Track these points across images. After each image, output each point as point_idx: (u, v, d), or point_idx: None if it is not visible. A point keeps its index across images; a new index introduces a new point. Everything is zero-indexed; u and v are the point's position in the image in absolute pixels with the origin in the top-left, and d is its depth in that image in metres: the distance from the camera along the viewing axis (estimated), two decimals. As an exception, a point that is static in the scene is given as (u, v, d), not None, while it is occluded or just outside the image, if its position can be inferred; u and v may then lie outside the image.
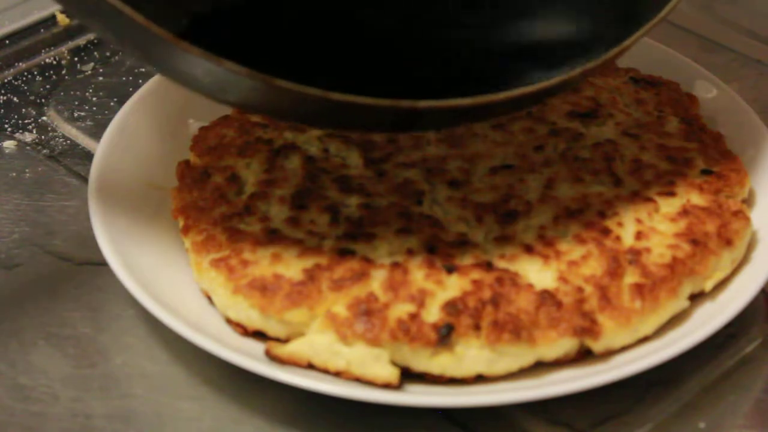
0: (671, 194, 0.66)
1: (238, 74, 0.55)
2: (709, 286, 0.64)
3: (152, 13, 0.53)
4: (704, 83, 0.77)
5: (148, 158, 0.73)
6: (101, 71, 0.87)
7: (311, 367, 0.60)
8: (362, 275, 0.61)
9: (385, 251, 0.62)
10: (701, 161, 0.69)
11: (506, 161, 0.69)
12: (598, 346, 0.60)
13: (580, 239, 0.63)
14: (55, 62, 0.88)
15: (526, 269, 0.62)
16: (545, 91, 0.61)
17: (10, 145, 0.80)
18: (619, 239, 0.63)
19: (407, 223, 0.64)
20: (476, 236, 0.64)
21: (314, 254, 0.62)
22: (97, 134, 0.77)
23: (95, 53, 0.89)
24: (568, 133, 0.71)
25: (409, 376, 0.59)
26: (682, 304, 0.63)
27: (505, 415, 0.60)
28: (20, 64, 0.88)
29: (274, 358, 0.60)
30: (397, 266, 0.61)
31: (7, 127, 0.81)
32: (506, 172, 0.68)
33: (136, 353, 0.64)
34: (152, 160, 0.72)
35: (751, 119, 0.74)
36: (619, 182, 0.67)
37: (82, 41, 0.90)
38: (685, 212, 0.65)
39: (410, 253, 0.62)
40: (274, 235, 0.64)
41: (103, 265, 0.65)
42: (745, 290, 0.63)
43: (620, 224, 0.64)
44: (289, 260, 0.62)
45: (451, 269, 0.61)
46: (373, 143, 0.70)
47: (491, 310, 0.59)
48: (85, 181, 0.72)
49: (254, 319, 0.61)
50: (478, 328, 0.59)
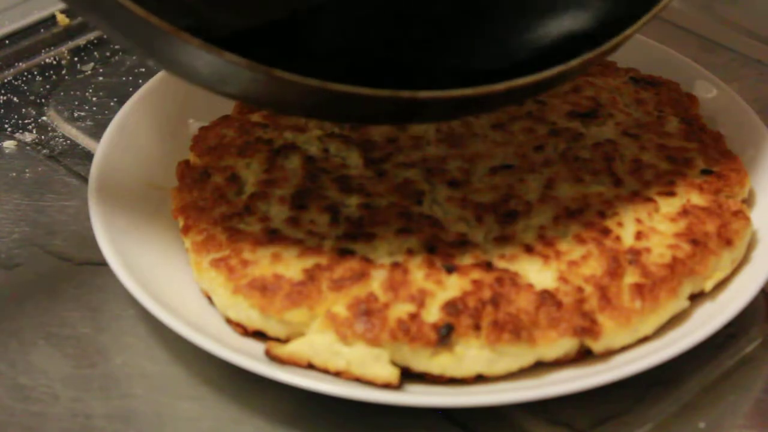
0: (671, 194, 0.66)
1: (237, 66, 0.55)
2: (709, 286, 0.64)
3: (152, 5, 0.53)
4: (704, 83, 0.77)
5: (148, 158, 0.72)
6: (101, 71, 0.87)
7: (311, 367, 0.60)
8: (362, 275, 0.61)
9: (385, 251, 0.62)
10: (701, 161, 0.69)
11: (506, 161, 0.69)
12: (598, 346, 0.60)
13: (580, 239, 0.63)
14: (55, 62, 0.88)
15: (526, 269, 0.62)
16: (546, 81, 0.61)
17: (10, 145, 0.80)
18: (619, 239, 0.63)
19: (407, 223, 0.64)
20: (476, 236, 0.64)
21: (314, 254, 0.62)
22: (97, 134, 0.77)
23: (95, 53, 0.89)
24: (568, 133, 0.71)
25: (409, 376, 0.59)
26: (682, 304, 0.62)
27: (505, 415, 0.60)
28: (20, 64, 0.88)
29: (274, 358, 0.60)
30: (397, 266, 0.61)
31: (7, 127, 0.81)
32: (506, 172, 0.68)
33: (136, 353, 0.64)
34: (152, 160, 0.72)
35: (751, 119, 0.74)
36: (619, 182, 0.67)
37: (82, 41, 0.90)
38: (685, 212, 0.65)
39: (410, 253, 0.62)
40: (274, 235, 0.63)
41: (103, 265, 0.65)
42: (745, 290, 0.63)
43: (620, 224, 0.64)
44: (289, 260, 0.62)
45: (451, 269, 0.61)
46: (373, 143, 0.70)
47: (491, 310, 0.59)
48: (85, 181, 0.72)
49: (254, 319, 0.61)
50: (478, 328, 0.59)
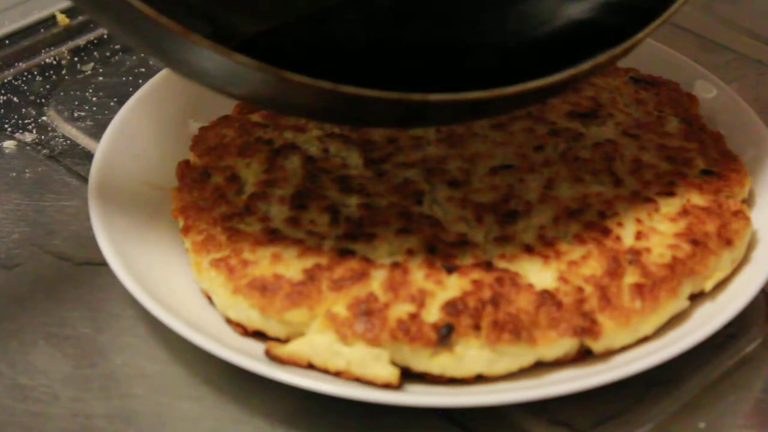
0: (671, 194, 0.66)
1: (248, 67, 0.54)
2: (709, 286, 0.64)
3: (162, 5, 0.53)
4: (704, 83, 0.77)
5: (148, 158, 0.72)
6: (101, 71, 0.87)
7: (311, 367, 0.60)
8: (362, 275, 0.61)
9: (385, 251, 0.62)
10: (701, 161, 0.69)
11: (506, 161, 0.69)
12: (598, 346, 0.60)
13: (580, 239, 0.63)
14: (55, 62, 0.88)
15: (526, 269, 0.62)
16: (556, 84, 0.61)
17: (10, 145, 0.79)
18: (619, 239, 0.63)
19: (407, 223, 0.64)
20: (476, 236, 0.64)
21: (314, 254, 0.62)
22: (97, 134, 0.77)
23: (95, 53, 0.89)
24: (568, 133, 0.71)
25: (409, 376, 0.59)
26: (682, 304, 0.62)
27: (505, 415, 0.60)
28: (20, 64, 0.88)
29: (274, 358, 0.60)
30: (397, 266, 0.61)
31: (7, 127, 0.81)
32: (506, 172, 0.68)
33: (136, 353, 0.64)
34: (152, 160, 0.72)
35: (751, 119, 0.74)
36: (619, 182, 0.67)
37: (82, 41, 0.90)
38: (685, 212, 0.65)
39: (410, 253, 0.62)
40: (274, 235, 0.63)
41: (102, 265, 0.65)
42: (745, 290, 0.63)
43: (620, 224, 0.64)
44: (289, 260, 0.62)
45: (451, 269, 0.61)
46: (373, 143, 0.70)
47: (491, 310, 0.59)
48: (85, 181, 0.72)
49: (254, 319, 0.61)
50: (478, 328, 0.59)
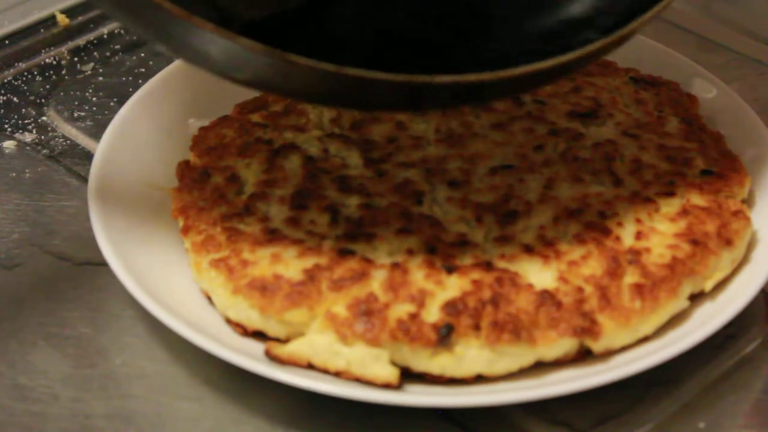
0: (671, 194, 0.66)
1: (252, 51, 0.54)
2: (708, 286, 0.63)
3: None
4: (704, 83, 0.77)
5: (148, 158, 0.72)
6: (101, 71, 0.87)
7: (311, 367, 0.60)
8: (362, 275, 0.61)
9: (384, 251, 0.62)
10: (701, 161, 0.69)
11: (506, 161, 0.69)
12: (597, 346, 0.60)
13: (579, 239, 0.63)
14: (54, 62, 0.88)
15: (526, 269, 0.62)
16: (562, 66, 0.60)
17: (10, 145, 0.79)
18: (619, 239, 0.63)
19: (407, 223, 0.64)
20: (476, 236, 0.64)
21: (314, 254, 0.62)
22: (96, 134, 0.77)
23: (95, 53, 0.89)
24: (567, 133, 0.71)
25: (408, 376, 0.59)
26: (681, 304, 0.62)
27: (505, 415, 0.60)
28: (20, 64, 0.87)
29: (273, 358, 0.60)
30: (397, 266, 0.61)
31: (6, 127, 0.81)
32: (506, 172, 0.68)
33: (135, 353, 0.64)
34: (152, 160, 0.72)
35: (751, 119, 0.73)
36: (619, 182, 0.67)
37: (81, 41, 0.90)
38: (684, 212, 0.65)
39: (410, 253, 0.62)
40: (273, 235, 0.63)
41: (102, 265, 0.65)
42: (745, 290, 0.63)
43: (620, 224, 0.64)
44: (288, 260, 0.62)
45: (450, 269, 0.61)
46: (373, 143, 0.70)
47: (491, 310, 0.59)
48: (84, 181, 0.72)
49: (254, 319, 0.61)
50: (477, 328, 0.59)
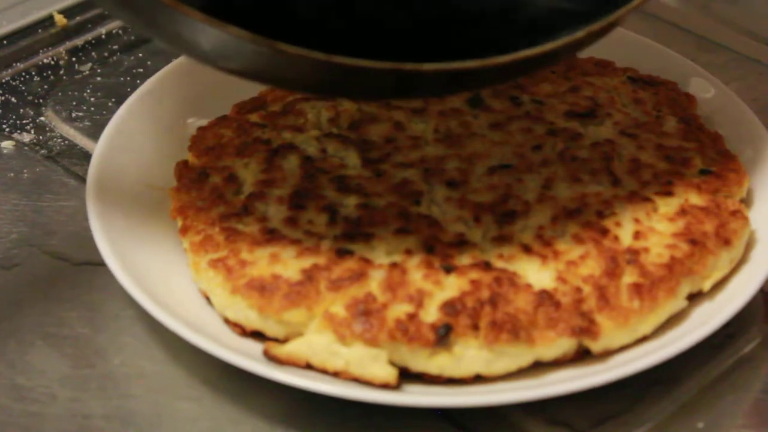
0: (669, 194, 0.66)
1: (241, 39, 0.54)
2: (707, 285, 0.63)
3: None
4: (702, 83, 0.77)
5: (146, 158, 0.72)
6: (99, 71, 0.87)
7: (309, 367, 0.60)
8: (360, 275, 0.61)
9: (383, 251, 0.62)
10: (699, 161, 0.69)
11: (504, 161, 0.69)
12: (596, 346, 0.60)
13: (578, 239, 0.63)
14: (52, 62, 0.88)
15: (524, 269, 0.62)
16: (551, 53, 0.60)
17: (8, 145, 0.79)
18: (617, 239, 0.63)
19: (405, 223, 0.64)
20: (474, 236, 0.64)
21: (312, 254, 0.62)
22: (95, 134, 0.77)
23: (93, 53, 0.89)
24: (566, 133, 0.71)
25: (407, 376, 0.59)
26: (680, 303, 0.62)
27: (503, 415, 0.60)
28: (18, 64, 0.87)
29: (272, 358, 0.60)
30: (395, 266, 0.61)
31: (5, 127, 0.81)
32: (504, 172, 0.68)
33: (134, 353, 0.64)
34: (150, 160, 0.72)
35: (749, 119, 0.73)
36: (617, 182, 0.67)
37: (79, 41, 0.90)
38: (683, 212, 0.65)
39: (408, 253, 0.62)
40: (272, 235, 0.63)
41: (101, 265, 0.65)
42: (743, 290, 0.63)
43: (618, 224, 0.64)
44: (287, 260, 0.62)
45: (449, 269, 0.61)
46: (371, 143, 0.70)
47: (489, 310, 0.59)
48: (83, 181, 0.72)
49: (252, 319, 0.61)
50: (476, 328, 0.59)
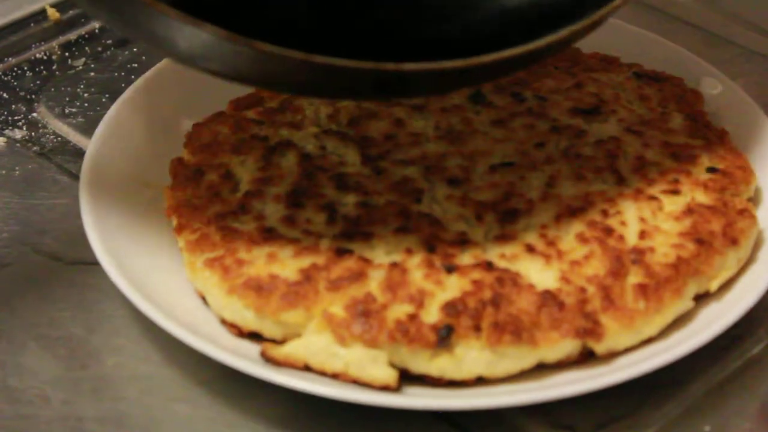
0: (675, 192, 0.66)
1: (218, 38, 0.53)
2: (714, 286, 0.63)
3: None
4: (709, 79, 0.77)
5: (140, 155, 0.72)
6: (93, 67, 0.87)
7: (308, 368, 0.59)
8: (360, 275, 0.60)
9: (383, 251, 0.62)
10: (706, 158, 0.69)
11: (507, 158, 0.68)
12: (600, 347, 0.60)
13: (582, 238, 0.63)
14: (45, 57, 0.88)
15: (527, 269, 0.61)
16: (535, 52, 0.60)
17: (-1, 142, 0.79)
18: (622, 238, 0.63)
19: (406, 221, 0.64)
20: (476, 235, 0.63)
21: (311, 254, 0.62)
22: (88, 131, 0.77)
23: (86, 48, 0.89)
24: (570, 130, 0.71)
25: (407, 378, 0.59)
26: (686, 304, 0.62)
27: (505, 417, 0.60)
28: (10, 59, 0.87)
29: (269, 359, 0.59)
30: (395, 266, 0.61)
31: (-4, 123, 0.81)
32: (507, 169, 0.67)
33: (128, 355, 0.63)
34: (145, 157, 0.72)
35: (757, 115, 0.73)
36: (622, 180, 0.67)
37: (73, 36, 0.90)
38: (689, 211, 0.65)
39: (409, 252, 0.62)
40: (269, 234, 0.63)
41: (94, 264, 0.64)
42: (751, 290, 0.63)
43: (623, 223, 0.64)
44: (284, 260, 0.61)
45: (450, 269, 0.61)
46: (370, 140, 0.70)
47: (492, 310, 0.59)
48: (76, 178, 0.72)
49: (249, 319, 0.61)
50: (478, 329, 0.58)
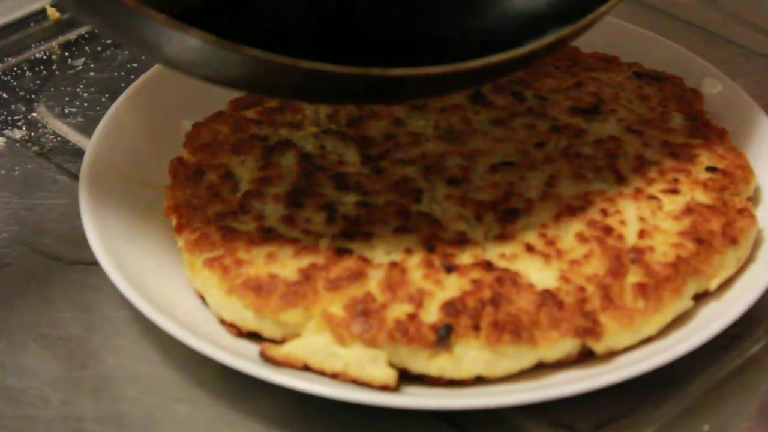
0: (675, 192, 0.66)
1: (206, 43, 0.53)
2: (713, 285, 0.63)
3: None
4: (709, 78, 0.77)
5: (140, 155, 0.72)
6: (92, 66, 0.87)
7: (307, 368, 0.59)
8: (359, 275, 0.60)
9: (382, 250, 0.62)
10: (706, 158, 0.69)
11: (506, 158, 0.68)
12: (600, 346, 0.60)
13: (582, 238, 0.63)
14: (45, 57, 0.88)
15: (526, 268, 0.61)
16: (522, 58, 0.60)
17: (-1, 142, 0.79)
18: (621, 238, 0.63)
19: (405, 221, 0.64)
20: (476, 235, 0.63)
21: (310, 253, 0.61)
22: (88, 131, 0.77)
23: (86, 48, 0.89)
24: (569, 129, 0.71)
25: (407, 377, 0.59)
26: (686, 303, 0.62)
27: (505, 417, 0.60)
28: (10, 59, 0.87)
29: (269, 359, 0.59)
30: (394, 266, 0.61)
31: (-4, 123, 0.81)
32: (506, 169, 0.67)
33: (128, 355, 0.63)
34: (145, 157, 0.72)
35: (757, 115, 0.73)
36: (621, 179, 0.67)
37: (72, 36, 0.90)
38: (689, 210, 0.65)
39: (408, 252, 0.62)
40: (269, 233, 0.63)
41: (94, 264, 0.64)
42: (750, 290, 0.63)
43: (623, 222, 0.64)
44: (284, 260, 0.61)
45: (450, 269, 0.61)
46: (370, 140, 0.70)
47: (491, 310, 0.59)
48: (75, 178, 0.72)
49: (249, 319, 0.61)
50: (477, 328, 0.58)
